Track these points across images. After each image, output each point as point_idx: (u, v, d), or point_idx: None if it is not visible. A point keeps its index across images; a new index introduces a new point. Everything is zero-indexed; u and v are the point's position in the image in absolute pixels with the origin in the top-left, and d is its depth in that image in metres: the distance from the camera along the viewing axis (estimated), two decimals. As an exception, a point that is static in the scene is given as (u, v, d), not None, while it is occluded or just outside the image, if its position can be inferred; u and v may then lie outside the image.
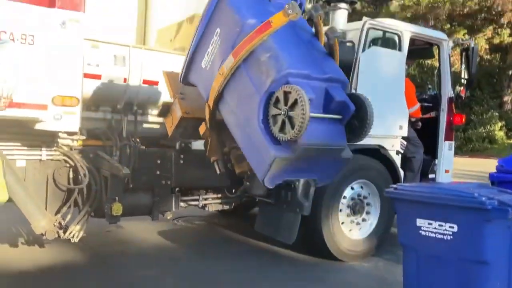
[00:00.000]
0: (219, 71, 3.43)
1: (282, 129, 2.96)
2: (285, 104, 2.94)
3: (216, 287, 4.33)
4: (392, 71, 5.44)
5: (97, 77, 4.43)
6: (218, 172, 4.10)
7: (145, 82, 4.70)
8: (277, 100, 3.01)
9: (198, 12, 4.84)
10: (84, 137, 4.38)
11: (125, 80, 4.61)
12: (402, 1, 17.44)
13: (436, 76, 6.62)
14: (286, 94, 2.96)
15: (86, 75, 4.22)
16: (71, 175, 4.31)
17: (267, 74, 3.09)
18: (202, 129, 4.01)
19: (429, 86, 7.30)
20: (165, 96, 4.93)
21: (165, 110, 4.42)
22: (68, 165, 4.28)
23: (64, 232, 4.24)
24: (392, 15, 18.08)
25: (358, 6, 19.37)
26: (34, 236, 4.40)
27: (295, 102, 2.88)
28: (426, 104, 6.29)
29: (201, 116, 3.92)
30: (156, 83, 4.81)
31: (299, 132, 2.86)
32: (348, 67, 5.14)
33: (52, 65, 3.74)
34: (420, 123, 6.01)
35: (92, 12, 4.42)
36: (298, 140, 2.96)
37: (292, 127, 2.89)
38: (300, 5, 3.24)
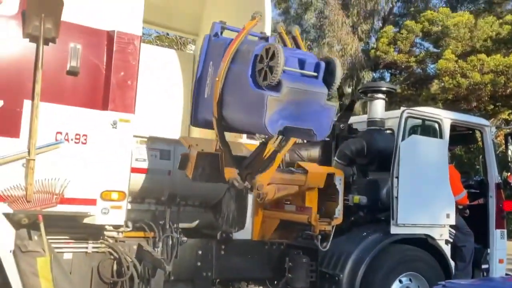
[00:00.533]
0: (216, 78, 4.03)
1: (265, 77, 3.59)
2: (266, 57, 3.60)
3: None
4: (435, 159, 5.39)
5: (143, 171, 4.62)
6: (237, 185, 4.31)
7: (188, 174, 4.84)
8: (261, 58, 3.68)
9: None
10: (129, 229, 4.49)
11: (169, 172, 4.77)
12: (442, 84, 17.56)
13: (481, 161, 6.48)
14: (267, 50, 3.64)
15: (133, 170, 4.40)
16: (115, 267, 4.36)
17: (250, 51, 3.81)
18: (213, 145, 4.39)
19: (477, 167, 7.13)
20: (208, 185, 5.06)
21: (185, 161, 4.61)
22: (112, 257, 4.36)
23: (106, 325, 4.22)
24: (432, 98, 18.15)
25: (398, 88, 19.63)
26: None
27: (273, 54, 3.54)
28: (473, 190, 6.11)
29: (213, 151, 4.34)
30: (199, 175, 4.94)
31: (277, 75, 3.49)
32: (388, 155, 5.15)
33: (102, 162, 3.96)
34: (468, 211, 5.81)
35: (141, 111, 4.72)
36: (282, 81, 3.57)
37: (271, 72, 3.53)
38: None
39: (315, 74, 3.82)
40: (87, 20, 4.02)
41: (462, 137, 6.21)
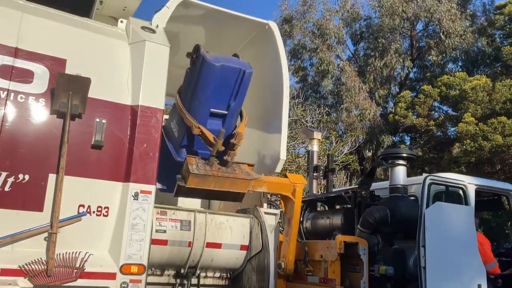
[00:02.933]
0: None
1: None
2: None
3: None
4: (462, 226, 5.22)
5: (164, 242, 4.57)
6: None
7: (208, 245, 4.78)
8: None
9: (261, 175, 5.09)
10: (148, 304, 4.37)
11: (189, 244, 4.72)
12: (464, 146, 17.39)
13: (509, 228, 6.26)
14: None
15: (154, 241, 4.37)
16: None
17: None
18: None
19: (507, 231, 6.86)
20: (228, 258, 4.97)
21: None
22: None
23: None
24: (455, 161, 17.90)
25: (419, 152, 19.49)
26: None
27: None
28: (504, 258, 5.84)
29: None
30: (219, 245, 4.88)
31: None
32: (413, 223, 5.02)
33: (123, 235, 3.94)
34: (501, 280, 5.53)
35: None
36: None
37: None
38: None
39: None
40: (112, 95, 4.18)
41: (488, 202, 6.05)
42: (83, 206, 3.90)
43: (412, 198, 5.74)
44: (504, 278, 5.61)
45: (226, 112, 4.71)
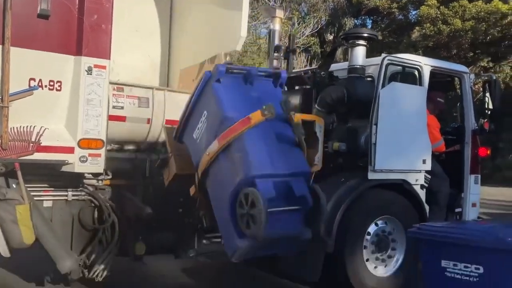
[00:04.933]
0: (206, 152, 3.74)
1: (247, 225, 3.28)
2: (246, 204, 3.27)
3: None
4: (413, 106, 5.43)
5: (122, 118, 4.55)
6: (205, 225, 4.48)
7: (167, 122, 4.80)
8: (241, 201, 3.35)
9: (220, 52, 4.98)
10: (108, 177, 4.47)
11: (148, 121, 4.72)
12: (423, 30, 17.44)
13: (459, 108, 6.56)
14: (246, 196, 3.31)
15: (111, 117, 4.34)
16: (95, 215, 4.38)
17: (237, 173, 3.46)
18: (192, 190, 4.21)
19: (454, 114, 7.23)
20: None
21: (163, 163, 4.59)
22: (93, 205, 4.37)
23: (89, 272, 4.29)
24: (413, 45, 18.08)
25: (379, 36, 19.48)
26: (59, 275, 4.45)
27: (253, 203, 3.21)
28: (450, 136, 6.21)
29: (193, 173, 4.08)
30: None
31: (260, 228, 3.19)
32: (368, 102, 5.17)
33: (79, 110, 3.87)
34: (444, 155, 5.94)
35: (117, 56, 4.59)
36: (260, 233, 3.29)
37: (254, 223, 3.21)
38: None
39: (298, 207, 3.50)
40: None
41: (441, 84, 6.23)
42: (34, 79, 3.75)
43: (369, 79, 5.84)
44: (447, 155, 6.02)
45: None
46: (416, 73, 5.54)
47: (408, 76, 5.65)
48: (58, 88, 3.84)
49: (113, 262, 4.42)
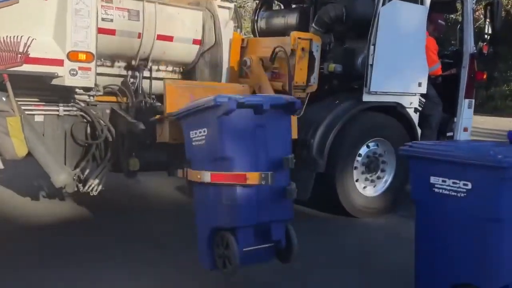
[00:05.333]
0: (197, 173, 3.37)
1: (224, 265, 3.25)
2: (222, 245, 3.23)
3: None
4: (413, 26, 5.28)
5: (112, 32, 4.38)
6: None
7: (159, 37, 4.65)
8: (218, 240, 3.28)
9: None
10: (100, 93, 4.41)
11: (139, 35, 4.56)
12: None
13: (458, 31, 6.41)
14: (222, 237, 3.24)
15: (101, 30, 4.18)
16: (88, 131, 4.36)
17: (223, 216, 3.26)
18: (180, 174, 3.73)
19: (452, 42, 7.10)
20: (180, 52, 4.91)
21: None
22: (85, 120, 4.34)
23: (84, 186, 4.35)
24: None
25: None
26: (54, 189, 4.52)
27: (227, 245, 3.18)
28: (447, 60, 6.12)
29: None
30: (171, 38, 4.76)
31: (235, 269, 3.19)
32: (368, 22, 5.02)
33: (67, 20, 3.73)
34: (440, 79, 5.89)
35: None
36: (235, 272, 3.25)
37: (230, 263, 3.20)
38: None
39: (271, 244, 3.37)
40: None
41: (443, 5, 6.03)
42: (18, -13, 3.56)
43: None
44: (444, 79, 5.97)
45: None
46: (418, -8, 5.33)
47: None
48: (44, -4, 3.66)
49: (107, 178, 4.47)
